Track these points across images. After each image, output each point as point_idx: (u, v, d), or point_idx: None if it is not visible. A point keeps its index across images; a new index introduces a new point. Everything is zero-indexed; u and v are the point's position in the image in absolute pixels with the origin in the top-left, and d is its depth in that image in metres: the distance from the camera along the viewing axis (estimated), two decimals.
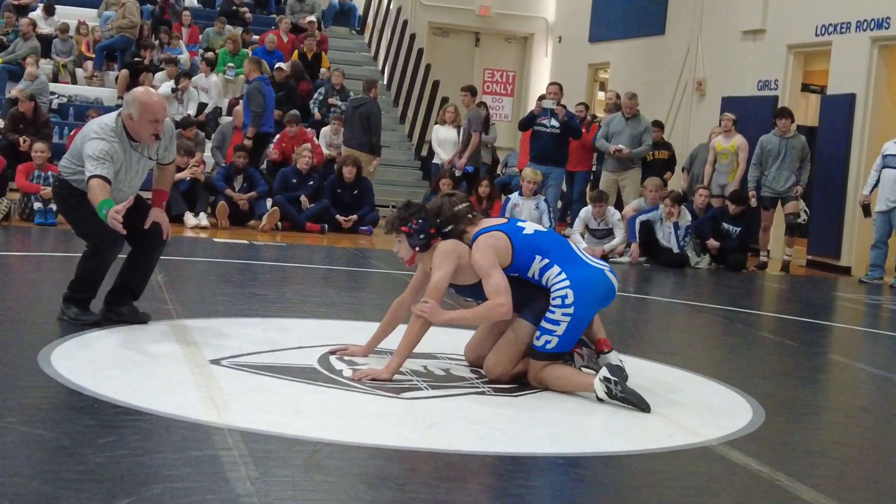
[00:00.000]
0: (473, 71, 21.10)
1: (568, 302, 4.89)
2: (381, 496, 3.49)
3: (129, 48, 16.98)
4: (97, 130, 5.52)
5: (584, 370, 5.09)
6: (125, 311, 5.86)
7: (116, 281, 5.93)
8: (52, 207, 10.92)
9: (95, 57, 16.88)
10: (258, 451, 3.74)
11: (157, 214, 5.81)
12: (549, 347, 4.92)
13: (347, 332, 5.94)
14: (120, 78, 16.36)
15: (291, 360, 5.21)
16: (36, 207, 10.95)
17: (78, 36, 17.48)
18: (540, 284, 5.01)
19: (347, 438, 4.01)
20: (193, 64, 17.11)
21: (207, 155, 14.07)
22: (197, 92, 15.71)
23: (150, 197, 5.96)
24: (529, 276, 5.02)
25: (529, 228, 5.15)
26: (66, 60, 16.86)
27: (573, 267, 4.98)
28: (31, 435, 3.74)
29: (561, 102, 12.98)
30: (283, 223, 12.42)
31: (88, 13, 18.23)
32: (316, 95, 16.41)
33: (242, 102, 13.92)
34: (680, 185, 14.04)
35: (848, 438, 4.85)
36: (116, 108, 15.43)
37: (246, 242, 10.94)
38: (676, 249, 11.94)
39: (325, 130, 15.11)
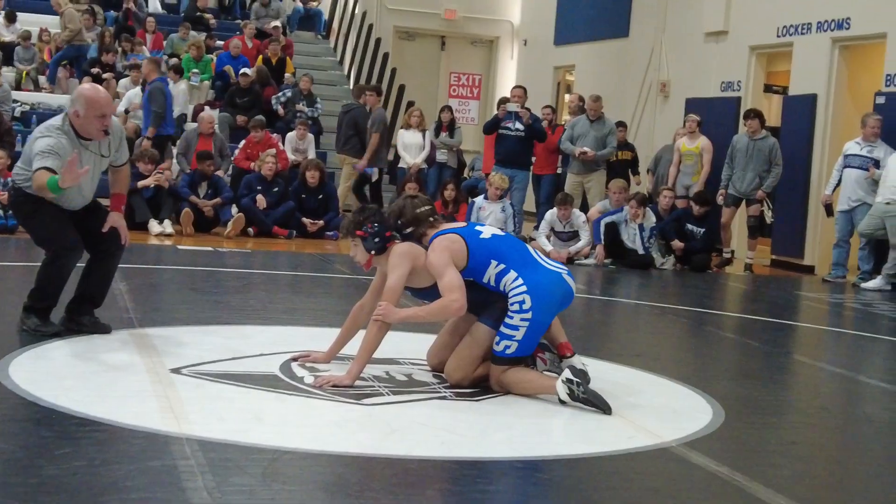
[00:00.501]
0: (439, 74, 21.12)
1: (525, 307, 4.90)
2: None
3: (83, 55, 16.84)
4: (43, 130, 5.52)
5: (546, 374, 5.11)
6: (86, 321, 5.83)
7: (77, 290, 5.90)
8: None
9: (49, 68, 16.72)
10: (216, 460, 3.73)
11: (115, 219, 5.78)
12: (508, 352, 4.93)
13: (311, 338, 5.93)
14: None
15: (253, 367, 5.20)
16: None
17: (40, 43, 17.36)
18: (497, 290, 5.02)
19: (307, 446, 4.00)
20: None
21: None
22: None
23: (108, 203, 5.91)
24: (485, 281, 5.03)
25: (487, 233, 5.16)
26: (28, 68, 16.74)
27: (529, 272, 5.00)
28: None
29: (526, 105, 13.02)
30: (251, 228, 12.36)
31: (51, 20, 18.09)
32: (279, 95, 16.36)
33: (143, 104, 13.81)
34: (645, 186, 14.11)
35: (807, 438, 4.89)
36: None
37: (210, 249, 10.90)
38: (641, 251, 11.99)
39: (290, 136, 15.07)
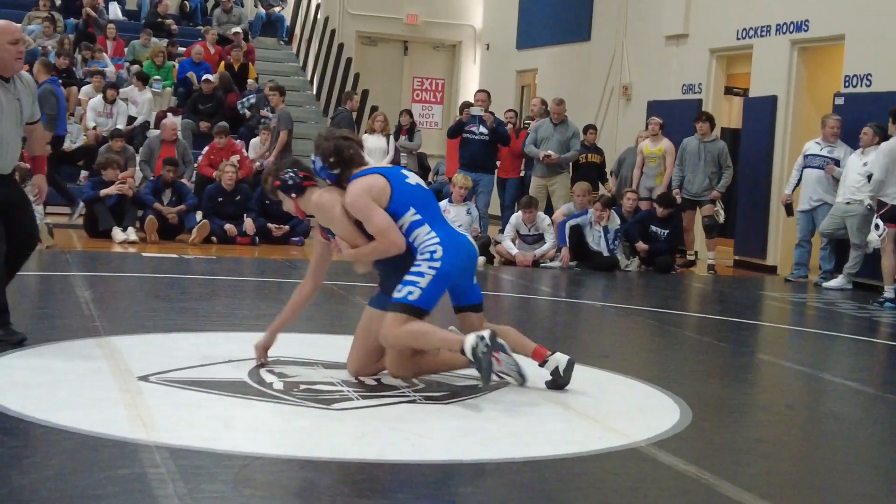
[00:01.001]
0: (402, 79, 21.14)
1: (437, 257, 4.93)
2: None
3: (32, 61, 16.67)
4: None
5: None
6: (1, 333, 5.64)
7: None
8: None
9: None
10: (187, 467, 3.72)
11: (39, 181, 5.89)
12: (410, 298, 4.88)
13: (278, 344, 5.91)
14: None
15: (221, 374, 5.19)
16: None
17: None
18: (406, 240, 5.02)
19: (278, 452, 4.00)
20: (119, 77, 16.93)
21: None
22: (126, 105, 15.55)
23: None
24: (405, 233, 5.03)
25: (413, 180, 5.22)
26: None
27: (442, 228, 5.08)
28: None
29: (489, 109, 13.06)
30: (215, 237, 12.33)
31: None
32: (244, 101, 16.32)
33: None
34: (608, 188, 14.19)
35: (773, 436, 4.94)
36: None
37: (175, 256, 10.85)
38: (606, 253, 12.06)
39: (254, 142, 15.04)
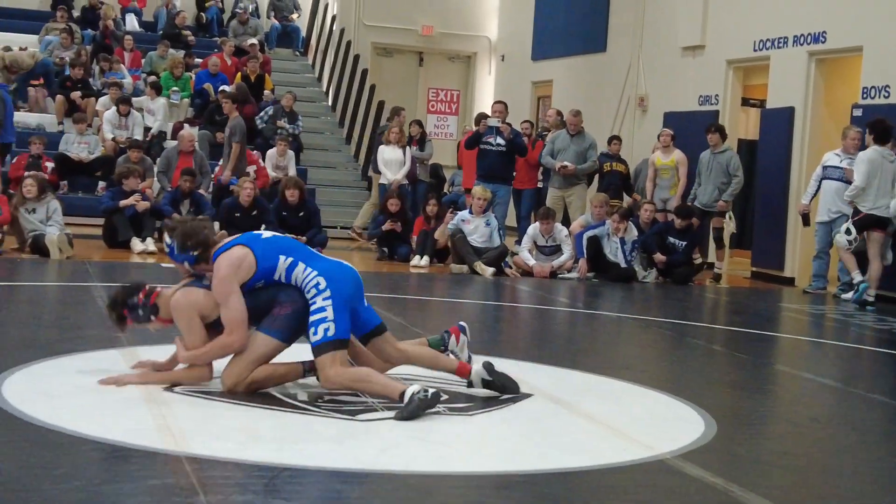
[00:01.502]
0: (418, 90, 21.19)
1: (322, 287, 4.97)
2: None
3: (50, 72, 16.76)
4: None
5: (397, 379, 5.11)
6: None
7: None
8: None
9: (19, 87, 16.60)
10: (216, 478, 3.74)
11: None
12: (329, 334, 4.91)
13: (299, 354, 5.92)
14: (56, 104, 16.24)
15: None
16: None
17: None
18: (290, 284, 5.06)
19: (305, 463, 4.01)
20: (137, 88, 17.01)
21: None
22: (142, 116, 15.62)
23: None
24: (276, 278, 5.07)
25: (266, 234, 5.31)
26: (13, 86, 16.64)
27: (316, 261, 5.11)
28: None
29: (506, 120, 13.08)
30: None
31: (29, 39, 18.03)
32: (262, 114, 16.39)
33: None
34: (636, 198, 14.20)
35: (798, 448, 4.93)
36: (60, 133, 15.40)
37: None
38: (624, 264, 12.05)
39: (271, 152, 15.10)
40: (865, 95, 12.11)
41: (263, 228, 12.33)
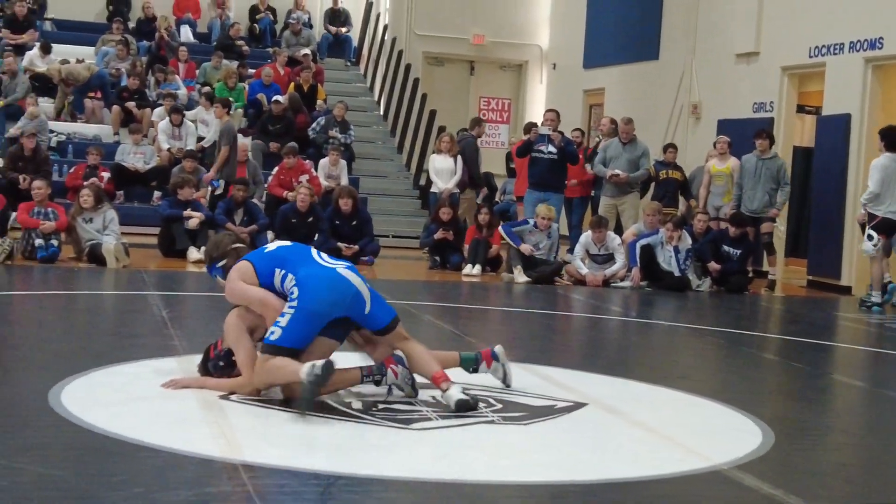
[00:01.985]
0: (469, 99, 21.20)
1: (294, 297, 5.03)
2: None
3: (107, 84, 16.97)
4: None
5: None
6: None
7: None
8: (53, 242, 10.99)
9: (75, 98, 16.84)
10: (271, 486, 3.76)
11: None
12: (272, 338, 4.97)
13: (355, 361, 5.94)
14: (112, 114, 16.45)
15: None
16: (37, 244, 10.98)
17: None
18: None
19: (360, 471, 4.02)
20: (191, 99, 17.19)
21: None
22: (195, 126, 15.78)
23: None
24: (277, 291, 5.17)
25: (272, 246, 5.43)
26: (70, 98, 16.89)
27: (303, 268, 5.14)
28: (45, 475, 3.74)
29: (558, 129, 13.04)
30: None
31: (86, 51, 18.30)
32: (314, 125, 16.49)
33: None
34: (679, 208, 14.11)
35: (857, 459, 4.87)
36: (115, 144, 15.60)
37: None
38: (677, 273, 11.96)
39: (323, 162, 15.18)
40: None
41: (316, 237, 12.50)
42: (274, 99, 16.34)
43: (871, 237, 11.11)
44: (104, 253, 10.91)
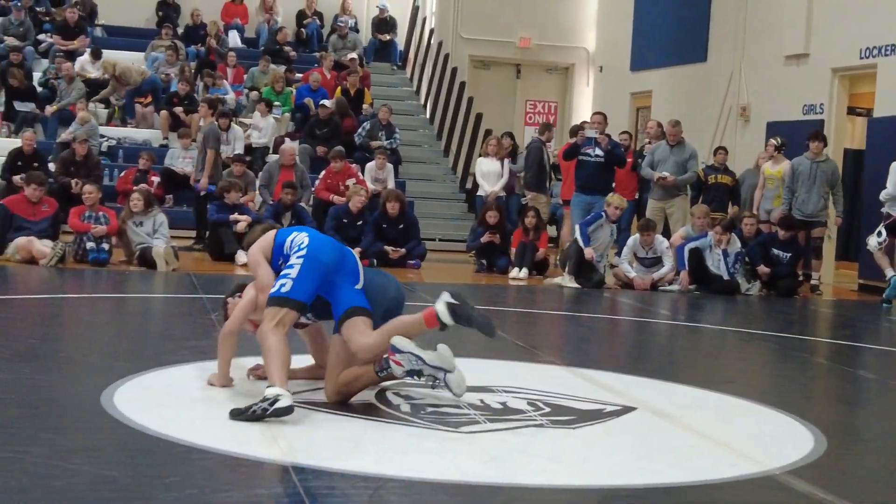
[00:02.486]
0: (515, 102, 21.19)
1: (303, 246, 5.04)
2: None
3: (158, 89, 17.15)
4: None
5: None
6: None
7: None
8: (104, 245, 11.12)
9: (126, 103, 17.04)
10: (321, 488, 3.77)
11: None
12: (283, 291, 4.93)
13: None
14: (161, 119, 16.62)
15: None
16: (88, 247, 11.12)
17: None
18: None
19: (409, 474, 4.02)
20: (239, 103, 17.32)
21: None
22: (242, 131, 15.89)
23: None
24: (285, 252, 5.13)
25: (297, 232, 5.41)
26: (120, 103, 17.10)
27: (315, 234, 5.20)
28: (99, 476, 3.79)
29: (605, 132, 12.99)
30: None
31: (135, 56, 18.51)
32: (360, 130, 16.55)
33: None
34: (728, 211, 14.00)
35: None
36: (162, 148, 15.76)
37: None
38: (726, 276, 11.88)
39: (370, 166, 15.23)
40: None
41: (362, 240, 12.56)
42: (321, 103, 16.42)
43: (880, 234, 11.69)
44: (154, 256, 11.03)
